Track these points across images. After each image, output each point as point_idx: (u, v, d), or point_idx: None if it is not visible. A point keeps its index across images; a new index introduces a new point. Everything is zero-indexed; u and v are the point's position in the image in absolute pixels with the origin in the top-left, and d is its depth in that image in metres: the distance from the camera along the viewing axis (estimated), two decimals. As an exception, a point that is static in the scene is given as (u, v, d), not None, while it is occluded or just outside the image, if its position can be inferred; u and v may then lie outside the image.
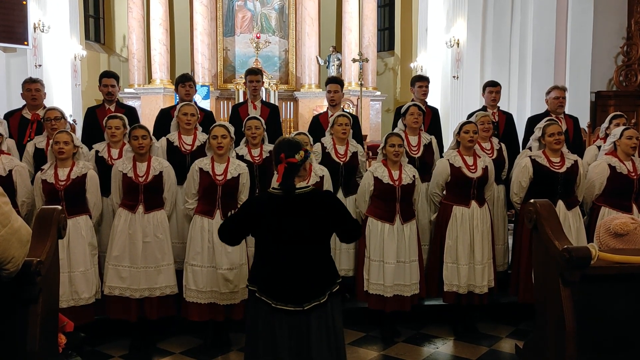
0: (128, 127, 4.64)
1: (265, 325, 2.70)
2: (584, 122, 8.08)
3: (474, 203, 4.42)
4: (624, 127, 4.61)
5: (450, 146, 4.62)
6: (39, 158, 4.65)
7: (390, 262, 4.27)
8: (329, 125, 4.91)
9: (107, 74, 5.46)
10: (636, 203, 4.48)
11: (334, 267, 2.89)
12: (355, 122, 5.25)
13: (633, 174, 4.44)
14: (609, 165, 4.47)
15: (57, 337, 2.70)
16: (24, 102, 5.29)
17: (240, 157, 4.61)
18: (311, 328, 2.69)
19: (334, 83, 5.57)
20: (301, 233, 2.72)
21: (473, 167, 4.42)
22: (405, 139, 4.78)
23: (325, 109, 5.75)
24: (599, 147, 4.92)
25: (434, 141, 5.10)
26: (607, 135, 4.96)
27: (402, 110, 5.05)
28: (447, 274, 4.40)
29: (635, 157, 4.53)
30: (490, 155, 4.86)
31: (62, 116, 4.78)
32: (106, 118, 4.69)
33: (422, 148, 4.96)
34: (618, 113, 5.31)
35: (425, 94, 5.70)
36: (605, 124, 5.18)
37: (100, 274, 4.24)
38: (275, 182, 2.79)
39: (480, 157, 4.51)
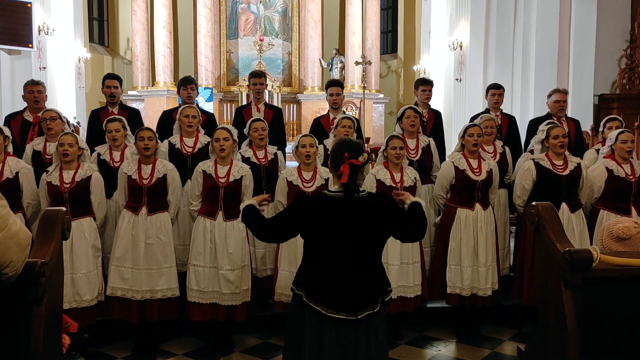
0: (128, 128, 4.68)
1: (313, 333, 2.56)
2: (587, 125, 8.06)
3: (478, 206, 4.43)
4: (619, 130, 4.58)
5: (455, 149, 4.64)
6: (36, 160, 4.65)
7: (394, 264, 4.27)
8: (334, 126, 4.92)
9: (110, 76, 5.56)
10: (635, 205, 4.47)
11: (385, 274, 2.76)
12: (357, 124, 5.26)
13: (631, 177, 4.44)
14: (607, 168, 4.47)
15: (61, 338, 2.72)
16: (25, 105, 5.31)
17: (245, 160, 4.62)
18: (360, 338, 2.56)
19: (335, 86, 5.60)
20: (359, 238, 2.59)
21: (477, 170, 4.43)
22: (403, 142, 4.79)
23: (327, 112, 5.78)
24: (598, 151, 4.92)
25: (432, 143, 5.10)
26: (604, 138, 4.96)
27: (399, 114, 5.06)
28: (450, 276, 4.40)
29: (634, 159, 4.52)
30: (494, 158, 4.86)
31: (59, 117, 4.75)
32: (105, 121, 4.71)
33: (420, 151, 4.97)
34: (612, 116, 5.28)
35: (429, 98, 5.71)
36: (601, 128, 5.17)
37: (104, 275, 4.25)
38: (332, 185, 2.68)
39: (485, 160, 4.51)
